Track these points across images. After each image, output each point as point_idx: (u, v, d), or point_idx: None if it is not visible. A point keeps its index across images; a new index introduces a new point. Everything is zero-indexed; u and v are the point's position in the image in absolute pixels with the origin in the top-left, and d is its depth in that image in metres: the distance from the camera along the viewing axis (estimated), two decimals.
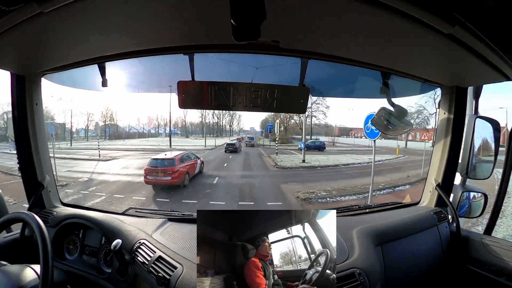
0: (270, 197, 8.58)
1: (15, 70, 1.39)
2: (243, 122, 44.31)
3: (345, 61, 1.29)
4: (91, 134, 29.61)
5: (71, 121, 26.00)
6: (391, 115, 1.52)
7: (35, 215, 1.00)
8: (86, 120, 28.82)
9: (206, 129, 38.28)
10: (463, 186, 1.58)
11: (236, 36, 0.71)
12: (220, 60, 1.45)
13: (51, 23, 0.88)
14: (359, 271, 1.06)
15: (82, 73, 1.48)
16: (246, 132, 42.56)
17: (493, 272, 1.37)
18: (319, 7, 0.82)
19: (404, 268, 1.36)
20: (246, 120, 52.05)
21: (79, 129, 29.15)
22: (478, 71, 1.18)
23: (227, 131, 43.26)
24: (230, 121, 42.64)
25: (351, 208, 1.75)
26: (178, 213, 1.58)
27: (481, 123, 1.48)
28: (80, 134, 29.27)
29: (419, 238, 1.47)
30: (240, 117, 43.26)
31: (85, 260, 1.48)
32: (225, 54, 1.33)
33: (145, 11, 0.87)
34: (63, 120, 25.41)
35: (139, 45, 1.16)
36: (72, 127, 26.63)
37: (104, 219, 1.45)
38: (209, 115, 37.94)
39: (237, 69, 1.54)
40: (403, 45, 1.04)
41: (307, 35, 1.06)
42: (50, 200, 1.66)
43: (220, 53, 1.32)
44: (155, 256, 1.15)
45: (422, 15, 0.77)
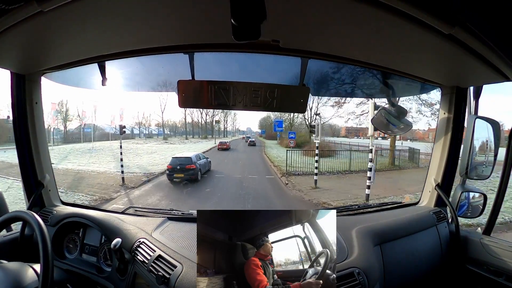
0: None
1: (15, 69, 1.39)
2: (239, 122, 39.55)
3: (345, 61, 1.29)
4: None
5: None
6: (391, 114, 1.52)
7: (35, 214, 1.00)
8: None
9: (192, 129, 33.21)
10: (463, 186, 1.58)
11: (236, 36, 0.71)
12: (220, 59, 1.45)
13: (51, 22, 0.88)
14: (358, 270, 1.06)
15: (82, 72, 1.47)
16: (242, 133, 40.06)
17: (492, 272, 1.37)
18: (319, 7, 0.82)
19: (403, 268, 1.37)
20: (242, 118, 48.91)
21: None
22: (478, 72, 1.18)
23: (220, 132, 37.45)
24: (224, 119, 36.90)
25: (351, 208, 1.75)
26: (178, 212, 1.58)
27: (481, 123, 1.48)
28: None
29: (418, 238, 1.48)
30: (235, 115, 38.09)
31: (85, 259, 1.48)
32: (225, 53, 1.33)
33: (145, 10, 0.87)
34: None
35: (139, 44, 1.16)
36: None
37: (104, 218, 1.45)
38: (194, 113, 32.93)
39: (237, 68, 1.54)
40: (403, 45, 1.04)
41: (308, 35, 1.06)
42: (50, 199, 1.66)
43: (220, 53, 1.31)
44: (155, 255, 1.15)
45: (422, 15, 0.77)
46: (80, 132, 25.89)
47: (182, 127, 35.48)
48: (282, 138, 25.82)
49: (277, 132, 26.48)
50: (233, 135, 38.77)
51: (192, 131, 35.20)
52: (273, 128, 25.16)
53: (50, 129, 21.92)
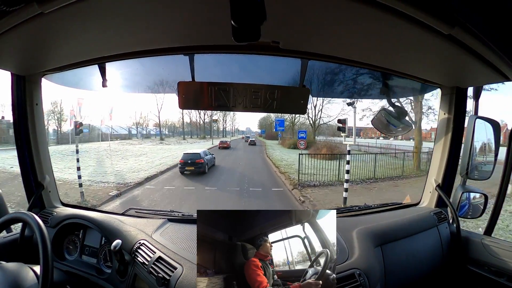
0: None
1: (15, 71, 1.39)
2: (238, 122, 38.41)
3: (345, 62, 1.30)
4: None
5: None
6: (391, 115, 1.52)
7: (35, 215, 1.00)
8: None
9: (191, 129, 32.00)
10: (463, 186, 1.57)
11: (236, 37, 0.71)
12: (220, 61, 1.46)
13: (52, 24, 0.88)
14: (359, 271, 1.06)
15: (83, 74, 1.48)
16: (242, 133, 39.46)
17: (493, 272, 1.36)
18: (319, 8, 0.82)
19: (404, 269, 1.36)
20: (242, 118, 47.92)
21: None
22: (478, 72, 1.19)
23: (218, 132, 36.17)
24: (223, 119, 35.93)
25: (351, 208, 1.75)
26: (178, 214, 1.58)
27: (481, 123, 1.48)
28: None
29: (419, 238, 1.47)
30: (234, 115, 37.29)
31: (84, 261, 1.48)
32: (225, 55, 1.34)
33: (145, 12, 0.87)
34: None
35: (139, 45, 1.17)
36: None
37: (104, 219, 1.45)
38: (192, 113, 32.05)
39: (237, 70, 1.54)
40: (403, 45, 1.04)
41: (308, 36, 1.06)
42: (50, 200, 1.66)
43: (220, 54, 1.32)
44: (155, 256, 1.15)
45: (422, 16, 0.77)
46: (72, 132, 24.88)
47: (181, 127, 34.98)
48: (283, 138, 24.74)
49: (278, 132, 25.33)
50: (232, 135, 37.96)
51: (190, 131, 34.44)
52: (274, 128, 24.12)
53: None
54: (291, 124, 24.91)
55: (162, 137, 31.27)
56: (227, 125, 38.15)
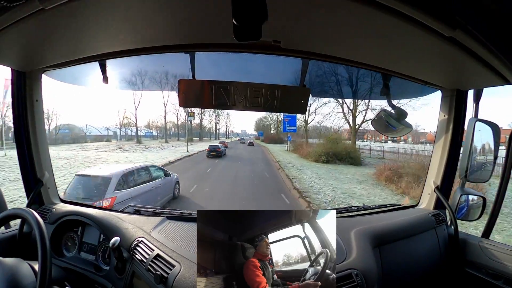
0: None
1: (15, 67, 1.39)
2: (233, 123, 37.19)
3: (346, 62, 1.29)
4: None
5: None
6: (391, 117, 1.52)
7: (33, 212, 0.99)
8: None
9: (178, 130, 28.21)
10: (462, 189, 1.58)
11: (237, 36, 0.71)
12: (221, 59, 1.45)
13: (53, 20, 0.88)
14: (356, 272, 1.06)
15: (83, 70, 1.48)
16: (236, 135, 37.31)
17: (490, 275, 1.37)
18: (320, 8, 0.82)
19: (401, 270, 1.36)
20: (236, 119, 45.90)
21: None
22: (478, 75, 1.19)
23: (210, 134, 31.79)
24: (216, 120, 32.23)
25: (350, 209, 1.75)
26: (177, 212, 1.58)
27: (481, 126, 1.48)
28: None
29: (417, 240, 1.48)
30: (229, 115, 34.32)
31: (83, 257, 1.48)
32: (226, 53, 1.33)
33: (146, 9, 0.87)
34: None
35: (140, 43, 1.16)
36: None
37: (103, 216, 1.45)
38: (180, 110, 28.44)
39: (238, 68, 1.54)
40: (404, 47, 1.04)
41: (309, 36, 1.06)
42: (49, 196, 1.66)
43: (221, 53, 1.31)
44: (153, 254, 1.15)
45: (423, 18, 0.77)
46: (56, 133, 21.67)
47: (173, 128, 31.69)
48: (296, 144, 16.89)
49: (287, 133, 18.98)
50: (226, 138, 34.65)
51: (177, 132, 31.02)
52: (283, 128, 19.27)
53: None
54: (305, 123, 18.95)
55: (139, 140, 27.70)
56: (221, 127, 35.15)
